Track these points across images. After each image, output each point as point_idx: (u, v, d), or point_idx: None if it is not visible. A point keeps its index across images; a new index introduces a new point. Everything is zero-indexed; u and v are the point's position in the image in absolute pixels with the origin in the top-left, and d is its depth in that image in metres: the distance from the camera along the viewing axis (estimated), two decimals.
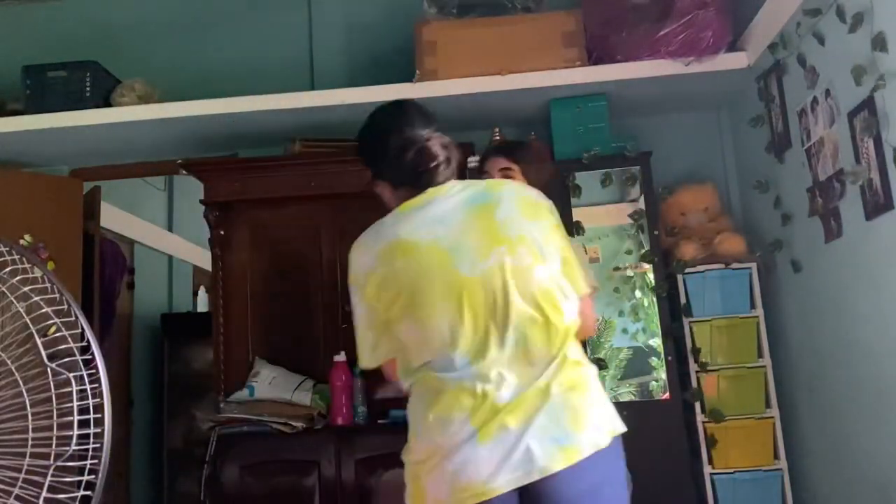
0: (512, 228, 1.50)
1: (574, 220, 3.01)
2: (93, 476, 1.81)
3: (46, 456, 1.79)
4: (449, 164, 1.62)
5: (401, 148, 1.59)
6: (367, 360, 1.59)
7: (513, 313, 1.45)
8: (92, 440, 1.81)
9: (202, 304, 5.90)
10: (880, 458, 2.29)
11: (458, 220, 1.52)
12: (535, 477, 1.38)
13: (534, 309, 1.46)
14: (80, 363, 1.84)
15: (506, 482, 1.39)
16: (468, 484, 1.40)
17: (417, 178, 1.58)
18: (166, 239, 5.49)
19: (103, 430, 1.83)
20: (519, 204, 1.55)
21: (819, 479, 2.75)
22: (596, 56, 3.06)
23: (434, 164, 1.59)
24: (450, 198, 1.56)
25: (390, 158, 1.61)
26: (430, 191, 1.57)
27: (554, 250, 1.53)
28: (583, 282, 1.59)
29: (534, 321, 1.46)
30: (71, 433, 1.78)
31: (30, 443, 1.78)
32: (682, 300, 2.94)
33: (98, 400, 1.83)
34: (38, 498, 1.77)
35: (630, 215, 3.09)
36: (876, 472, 2.32)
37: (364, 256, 1.57)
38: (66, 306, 1.90)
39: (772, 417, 2.85)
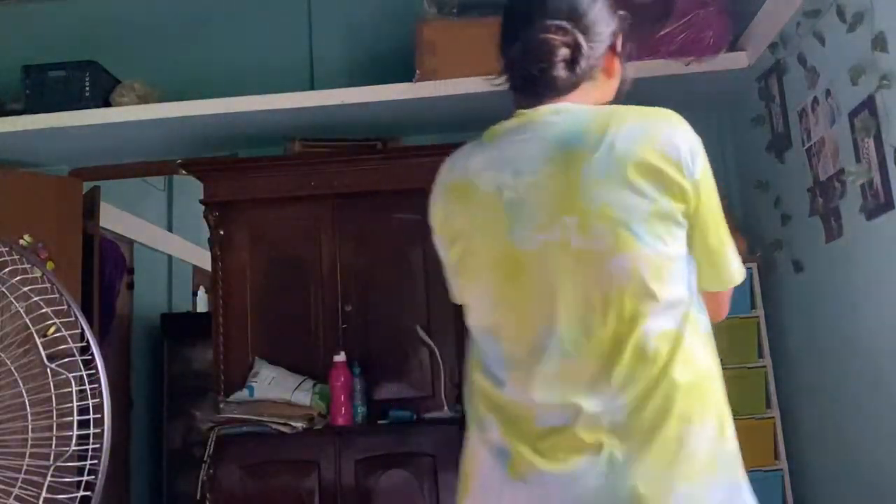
0: (595, 193, 1.05)
1: None
2: (92, 476, 1.81)
3: (46, 456, 1.79)
4: (574, 66, 1.14)
5: (514, 37, 1.20)
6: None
7: (564, 313, 1.06)
8: (91, 440, 1.81)
9: (202, 304, 5.90)
10: (881, 458, 2.29)
11: (534, 167, 1.09)
12: None
13: (601, 313, 1.05)
14: (80, 363, 1.83)
15: None
16: None
17: (523, 83, 1.18)
18: (166, 239, 5.49)
19: (103, 431, 1.83)
20: (625, 156, 1.05)
21: (819, 479, 2.75)
22: None
23: (542, 66, 1.14)
24: (543, 127, 1.12)
25: (503, 51, 1.25)
26: (524, 112, 1.17)
27: (663, 230, 1.06)
28: (720, 276, 1.20)
29: (601, 328, 1.05)
30: (70, 433, 1.78)
31: (29, 443, 1.78)
32: None
33: (97, 400, 1.83)
34: (37, 498, 1.77)
35: None
36: (876, 471, 2.32)
37: (436, 183, 1.22)
38: (65, 306, 1.90)
39: (772, 417, 2.85)
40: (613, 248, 1.04)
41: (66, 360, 1.83)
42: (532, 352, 1.07)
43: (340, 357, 2.96)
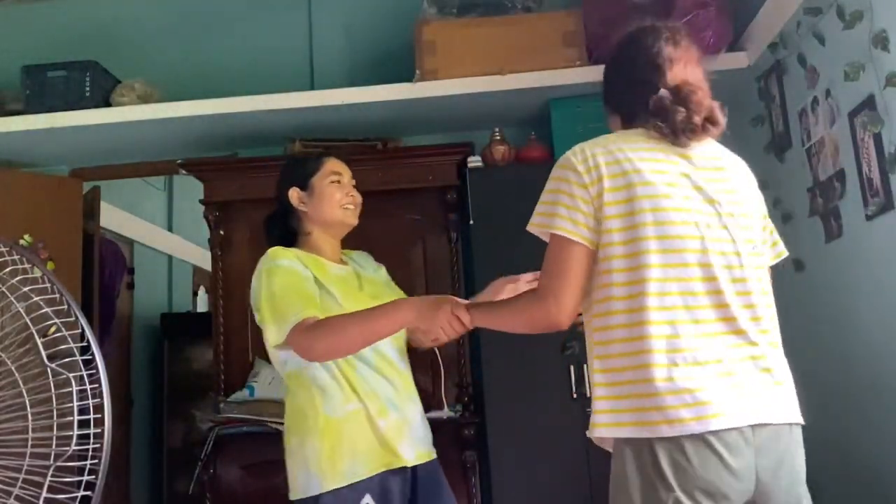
0: None
1: None
2: (93, 476, 1.81)
3: (46, 456, 1.79)
4: None
5: None
6: None
7: None
8: (92, 440, 1.81)
9: (202, 304, 5.90)
10: (881, 458, 2.29)
11: None
12: None
13: None
14: (80, 363, 1.83)
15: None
16: None
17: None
18: (166, 239, 5.49)
19: (103, 430, 1.83)
20: None
21: (819, 480, 2.74)
22: (596, 56, 3.05)
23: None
24: None
25: None
26: None
27: None
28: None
29: None
30: (71, 433, 1.78)
31: (30, 443, 1.78)
32: None
33: (98, 400, 1.83)
34: (38, 498, 1.77)
35: None
36: (877, 471, 2.32)
37: None
38: (66, 306, 1.90)
39: None
40: None
41: (67, 359, 1.82)
42: None
43: None
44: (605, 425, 1.34)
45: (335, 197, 1.98)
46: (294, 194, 1.97)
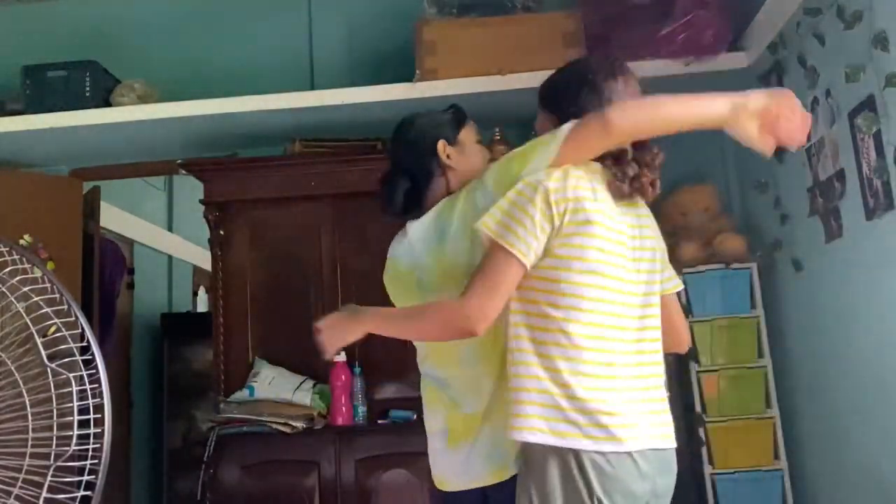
0: None
1: None
2: (93, 476, 1.82)
3: (46, 456, 1.79)
4: None
5: None
6: None
7: None
8: (92, 440, 1.81)
9: (202, 304, 5.90)
10: (881, 458, 2.29)
11: None
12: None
13: None
14: (80, 363, 1.84)
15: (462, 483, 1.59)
16: (442, 479, 1.64)
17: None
18: (166, 239, 5.48)
19: (103, 431, 1.83)
20: None
21: (819, 479, 2.75)
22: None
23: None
24: None
25: None
26: None
27: None
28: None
29: None
30: (71, 433, 1.78)
31: (30, 443, 1.78)
32: (683, 300, 2.94)
33: (98, 400, 1.83)
34: (38, 498, 1.77)
35: None
36: (876, 471, 2.32)
37: None
38: (66, 306, 1.90)
39: (772, 417, 2.85)
40: None
41: (67, 359, 1.83)
42: None
43: (340, 357, 2.95)
44: (540, 431, 1.42)
45: (483, 154, 1.84)
46: (442, 147, 1.76)
